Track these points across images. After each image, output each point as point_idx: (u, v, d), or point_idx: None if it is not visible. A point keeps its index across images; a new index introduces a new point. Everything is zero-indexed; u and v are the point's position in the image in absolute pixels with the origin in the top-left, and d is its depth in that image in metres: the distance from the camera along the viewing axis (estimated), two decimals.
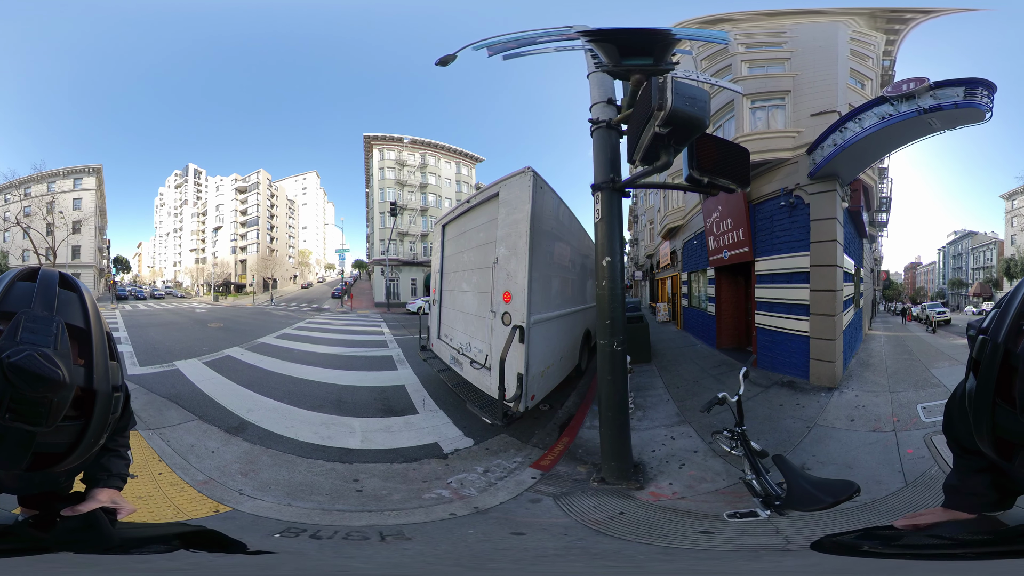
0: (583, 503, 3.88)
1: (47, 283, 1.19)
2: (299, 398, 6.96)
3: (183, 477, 4.11)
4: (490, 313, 5.46)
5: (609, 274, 4.37)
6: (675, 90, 3.41)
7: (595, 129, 4.67)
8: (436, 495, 3.98)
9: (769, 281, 9.15)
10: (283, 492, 3.94)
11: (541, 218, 5.20)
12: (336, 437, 5.38)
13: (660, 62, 4.54)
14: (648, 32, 4.70)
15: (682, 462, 4.76)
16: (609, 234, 4.42)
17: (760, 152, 9.24)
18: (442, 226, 8.37)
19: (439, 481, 4.27)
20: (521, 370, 4.82)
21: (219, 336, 14.39)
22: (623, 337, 4.37)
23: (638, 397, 6.84)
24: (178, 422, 5.58)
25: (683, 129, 3.47)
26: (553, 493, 4.08)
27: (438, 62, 7.16)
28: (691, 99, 3.43)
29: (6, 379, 0.96)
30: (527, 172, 5.15)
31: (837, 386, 7.35)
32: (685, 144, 3.70)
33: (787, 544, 2.71)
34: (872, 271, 23.55)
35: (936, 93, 6.17)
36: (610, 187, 4.45)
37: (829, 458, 4.80)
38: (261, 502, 3.72)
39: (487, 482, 4.28)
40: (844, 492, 2.68)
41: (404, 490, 4.07)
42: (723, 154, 3.97)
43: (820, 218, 7.96)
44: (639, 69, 4.49)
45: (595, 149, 4.64)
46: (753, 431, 5.04)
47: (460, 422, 5.83)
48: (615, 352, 4.34)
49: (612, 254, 4.38)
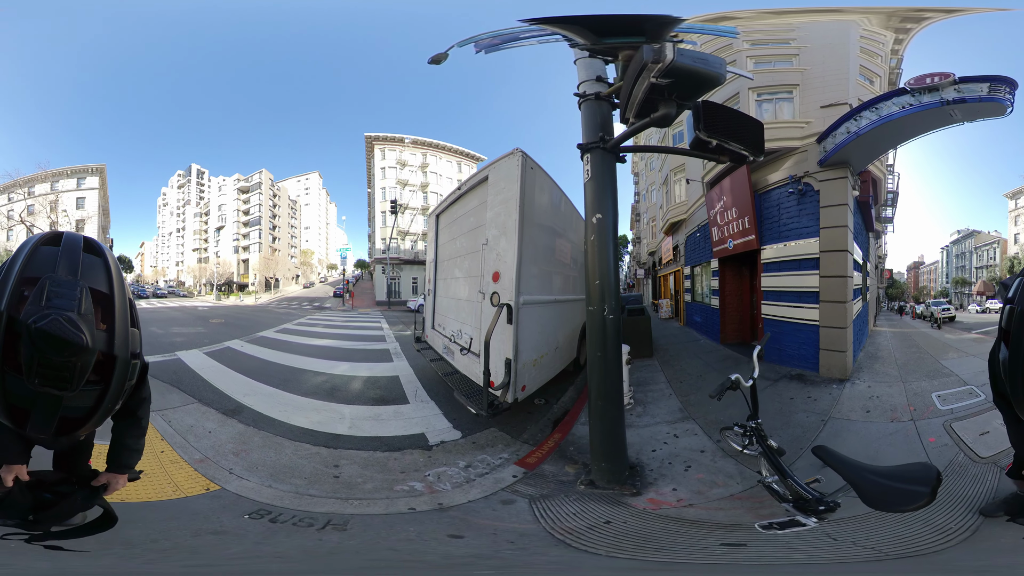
0: (562, 509, 3.50)
1: (71, 247, 1.20)
2: (295, 385, 7.05)
3: (182, 455, 4.24)
4: (480, 295, 5.23)
5: (598, 231, 3.83)
6: (678, 49, 3.00)
7: (583, 102, 4.21)
8: (408, 487, 3.82)
9: (776, 269, 9.05)
10: (267, 473, 4.02)
11: (532, 199, 4.96)
12: (326, 423, 5.40)
13: (656, 40, 3.95)
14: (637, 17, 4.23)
15: (688, 463, 4.35)
16: (599, 192, 3.89)
17: (768, 141, 9.30)
18: (436, 216, 8.20)
19: (416, 473, 4.10)
20: (509, 355, 4.54)
21: (221, 330, 14.49)
22: (616, 304, 3.82)
23: (638, 392, 6.56)
24: (179, 404, 5.72)
25: (689, 82, 3.04)
26: (531, 495, 3.74)
27: (430, 60, 7.02)
28: (700, 58, 3.02)
29: (33, 344, 0.98)
30: (516, 153, 4.87)
31: (848, 378, 7.17)
32: (691, 100, 3.25)
33: (875, 553, 2.37)
34: (876, 268, 23.47)
35: (960, 87, 6.40)
36: (599, 146, 3.91)
37: (850, 451, 4.35)
38: (247, 482, 3.82)
39: (465, 478, 4.06)
40: (929, 478, 2.18)
41: (379, 479, 3.95)
42: (735, 121, 3.54)
43: (831, 204, 7.94)
44: (629, 46, 4.05)
45: (583, 120, 4.21)
46: (766, 426, 4.66)
47: (451, 414, 5.64)
48: (606, 321, 3.75)
49: (603, 211, 3.84)
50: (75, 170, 48.61)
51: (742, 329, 11.07)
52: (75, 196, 47.59)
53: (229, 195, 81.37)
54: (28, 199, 45.24)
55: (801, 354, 8.06)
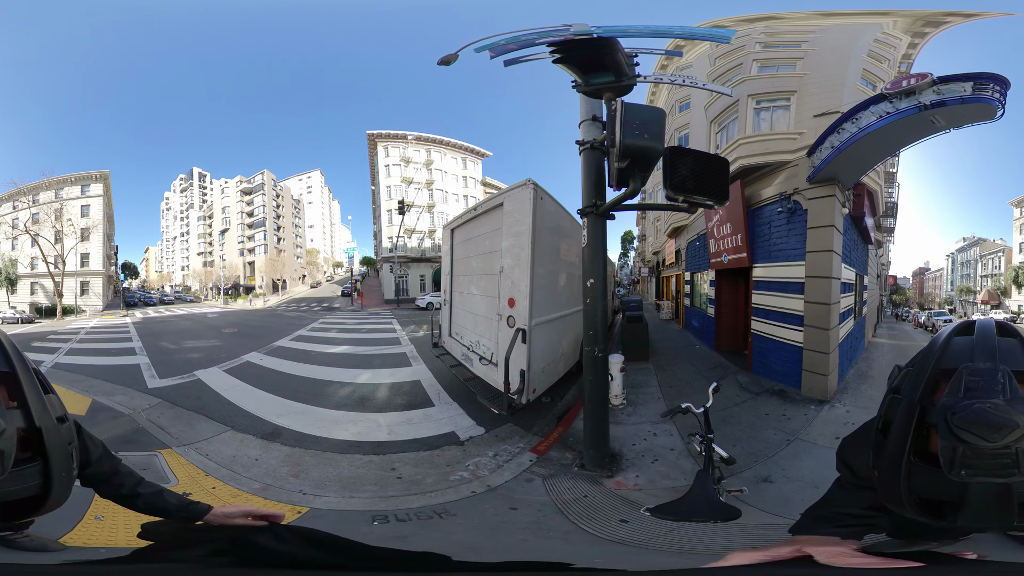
0: (562, 484, 4.39)
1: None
2: (324, 399, 7.34)
3: (240, 487, 4.20)
4: (497, 316, 6.02)
5: (592, 293, 4.80)
6: (624, 119, 3.51)
7: (582, 150, 4.92)
8: (459, 476, 4.57)
9: (766, 288, 9.02)
10: (339, 487, 4.24)
11: (542, 230, 5.71)
12: (366, 432, 5.80)
13: (621, 77, 4.44)
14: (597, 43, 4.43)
15: (656, 458, 5.05)
16: (593, 257, 4.80)
17: (761, 155, 9.16)
18: (451, 230, 8.88)
19: (459, 465, 4.85)
20: (523, 367, 5.38)
21: (235, 341, 14.64)
22: (604, 345, 4.88)
23: (631, 394, 7.21)
24: (211, 434, 5.68)
25: (642, 159, 3.63)
26: (543, 474, 4.64)
27: (440, 62, 7.17)
28: (643, 125, 3.50)
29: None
30: (528, 184, 5.62)
31: (829, 399, 7.12)
32: (650, 170, 3.83)
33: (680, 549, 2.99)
34: (879, 277, 23.21)
35: (940, 88, 5.69)
36: (594, 212, 4.72)
37: (798, 475, 4.70)
38: (329, 498, 4.00)
39: (496, 464, 4.87)
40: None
41: (434, 474, 4.63)
42: (700, 167, 3.95)
43: (817, 225, 7.71)
44: (605, 87, 4.44)
45: (582, 170, 4.90)
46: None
47: (472, 413, 6.38)
48: (596, 358, 4.82)
49: (596, 276, 4.80)
50: (79, 177, 48.20)
51: (735, 338, 11.15)
52: (80, 204, 47.23)
53: (232, 197, 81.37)
54: (32, 207, 44.47)
55: (786, 371, 8.03)
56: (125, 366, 10.35)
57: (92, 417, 6.39)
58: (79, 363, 10.95)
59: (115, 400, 7.19)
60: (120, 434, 5.70)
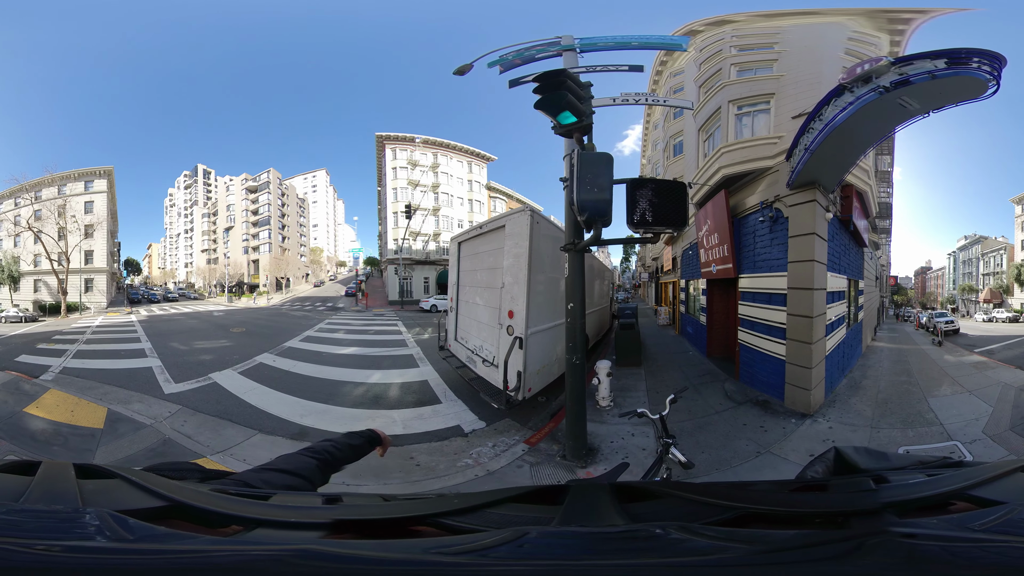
0: (545, 472, 5.09)
1: None
2: (341, 399, 7.87)
3: None
4: (498, 325, 6.80)
5: (572, 314, 5.47)
6: (579, 175, 3.96)
7: (565, 187, 5.39)
8: (465, 463, 5.34)
9: (751, 299, 8.95)
10: (372, 476, 4.59)
11: (538, 251, 6.51)
12: (384, 427, 6.43)
13: (581, 117, 4.73)
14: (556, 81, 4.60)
15: (627, 455, 5.47)
16: (572, 286, 5.45)
17: (743, 162, 9.19)
18: (458, 243, 9.60)
19: (464, 453, 5.61)
20: (520, 369, 6.17)
21: (245, 341, 14.82)
22: (582, 355, 5.53)
23: (619, 396, 7.78)
24: (242, 439, 5.83)
25: (597, 212, 4.11)
26: (531, 462, 5.36)
27: (455, 71, 7.67)
28: (593, 179, 3.92)
29: None
30: (525, 211, 6.58)
31: (812, 414, 6.85)
32: (607, 217, 4.18)
33: None
34: (877, 278, 23.03)
35: (901, 68, 5.21)
36: (572, 249, 5.33)
37: None
38: (368, 487, 4.37)
39: (494, 453, 5.61)
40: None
41: (445, 461, 5.37)
42: (659, 196, 4.18)
43: (798, 234, 7.46)
44: (573, 128, 4.73)
45: (565, 207, 5.38)
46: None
47: (475, 409, 7.12)
48: (575, 364, 5.46)
49: (575, 300, 5.46)
50: (82, 173, 47.52)
51: (727, 345, 11.19)
52: (83, 200, 46.52)
53: (237, 195, 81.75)
54: (35, 204, 43.16)
55: (771, 382, 7.93)
56: (137, 370, 10.09)
57: (112, 429, 6.14)
58: (89, 367, 10.48)
59: (133, 409, 6.99)
60: (147, 447, 5.59)
